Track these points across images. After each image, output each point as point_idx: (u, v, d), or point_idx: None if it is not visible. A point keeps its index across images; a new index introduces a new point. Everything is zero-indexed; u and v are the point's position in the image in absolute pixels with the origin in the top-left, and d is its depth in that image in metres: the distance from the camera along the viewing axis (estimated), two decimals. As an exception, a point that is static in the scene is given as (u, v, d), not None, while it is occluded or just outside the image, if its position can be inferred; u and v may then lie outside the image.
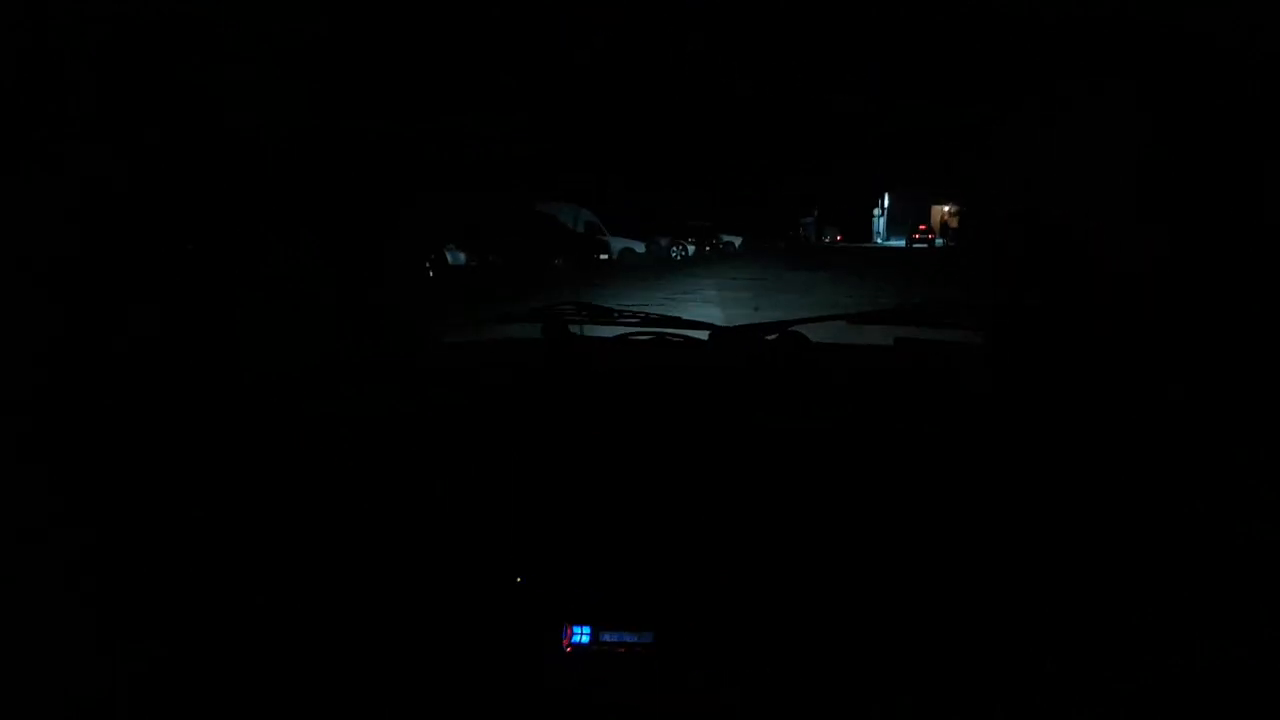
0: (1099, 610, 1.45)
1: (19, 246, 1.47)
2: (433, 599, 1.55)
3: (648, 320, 2.25)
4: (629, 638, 1.54)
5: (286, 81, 1.84)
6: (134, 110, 1.61)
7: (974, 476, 1.62)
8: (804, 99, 2.25)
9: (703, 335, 2.20)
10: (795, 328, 2.16)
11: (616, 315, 2.26)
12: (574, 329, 2.18)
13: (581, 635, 1.54)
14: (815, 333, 2.18)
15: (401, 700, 1.50)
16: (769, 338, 2.15)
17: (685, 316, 2.28)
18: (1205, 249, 1.73)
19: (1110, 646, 1.39)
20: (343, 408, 1.80)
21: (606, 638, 1.54)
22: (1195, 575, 1.46)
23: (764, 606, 1.55)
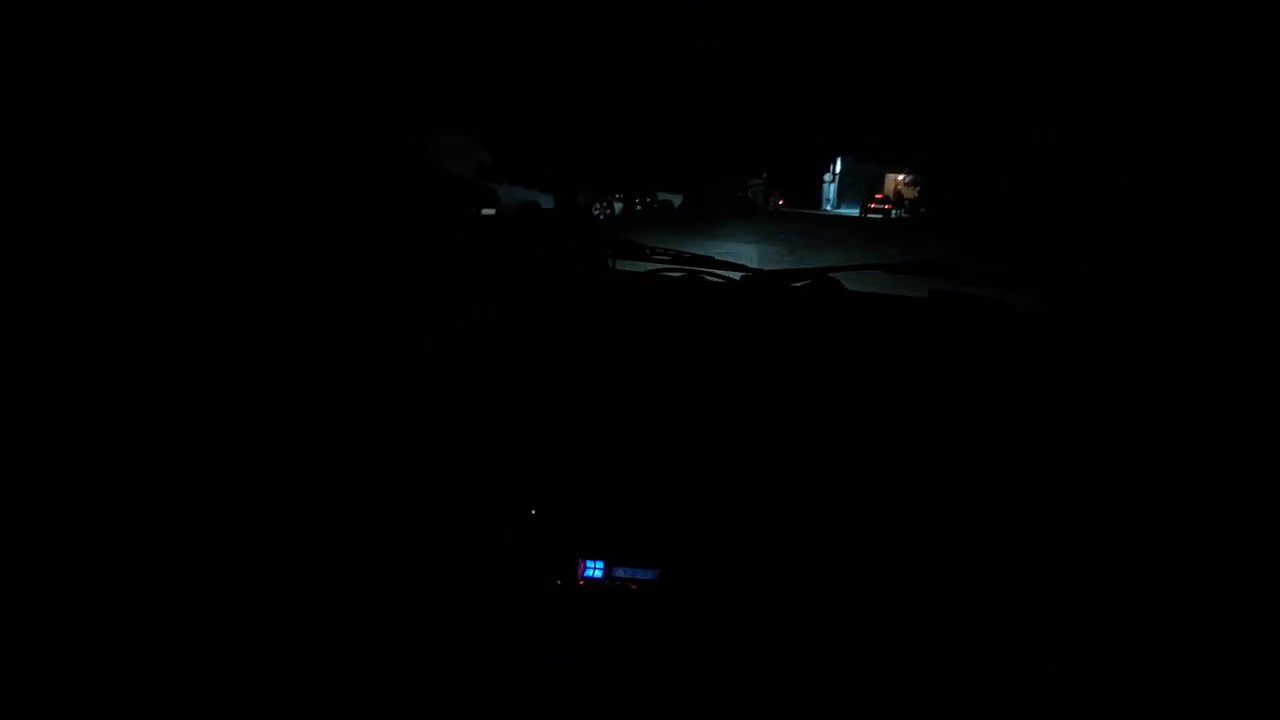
0: (1099, 610, 1.44)
1: (19, 246, 1.47)
2: (438, 566, 1.57)
3: (680, 258, 2.23)
4: (639, 574, 1.57)
5: (286, 81, 1.84)
6: (134, 110, 1.61)
7: (975, 476, 1.62)
8: (804, 99, 2.25)
9: (736, 276, 2.18)
10: (832, 274, 2.15)
11: (649, 251, 2.25)
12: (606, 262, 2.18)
13: (595, 570, 1.57)
14: (850, 281, 2.17)
15: (403, 692, 1.50)
16: (803, 283, 2.14)
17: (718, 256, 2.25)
18: (1205, 248, 1.72)
19: (1110, 646, 1.39)
20: (343, 408, 1.80)
21: (620, 573, 1.57)
22: (1195, 575, 1.46)
23: (769, 585, 1.56)
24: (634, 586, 1.56)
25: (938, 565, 1.54)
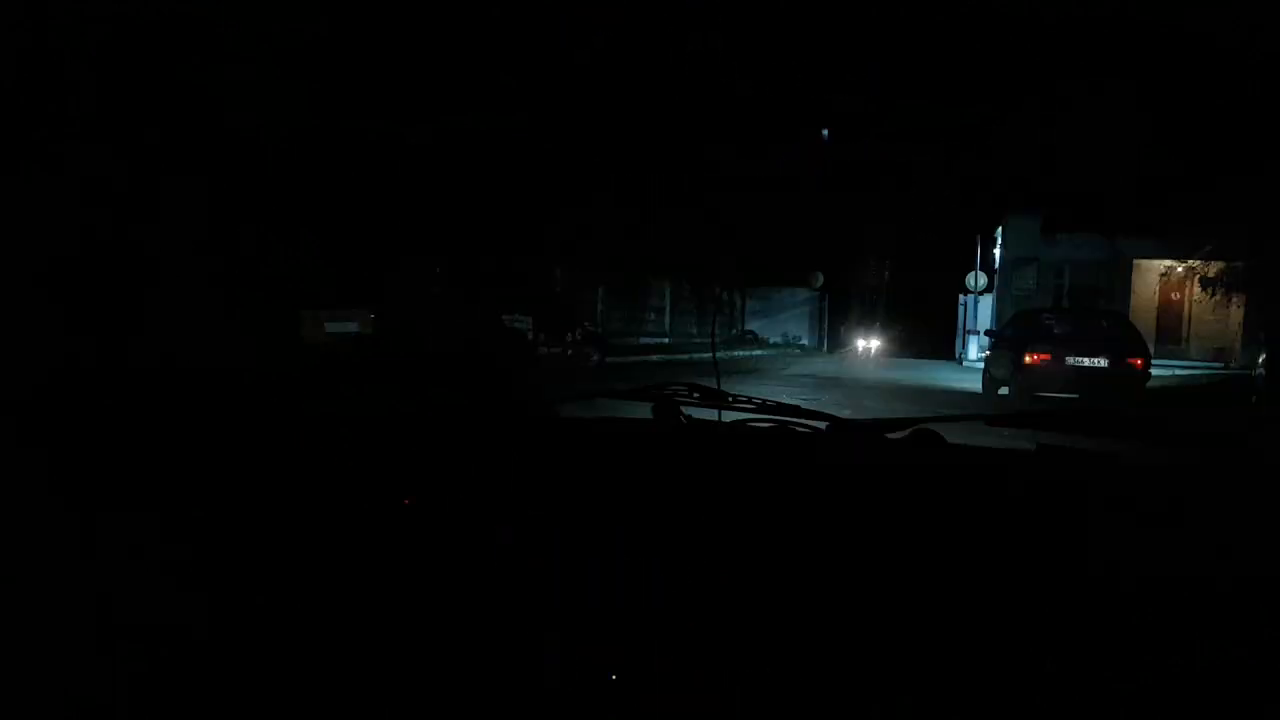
0: (1099, 610, 1.45)
1: (19, 246, 1.47)
2: (438, 596, 1.55)
3: (764, 407, 2.15)
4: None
5: (286, 81, 1.84)
6: (134, 110, 1.61)
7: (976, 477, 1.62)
8: (804, 99, 2.25)
9: (822, 426, 2.07)
10: (929, 425, 2.02)
11: (731, 399, 2.18)
12: (685, 411, 2.11)
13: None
14: (948, 433, 2.02)
15: (402, 694, 1.50)
16: (897, 434, 2.03)
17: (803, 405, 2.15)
18: None
19: (1110, 646, 1.39)
20: (343, 408, 1.80)
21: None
22: (1196, 575, 1.46)
23: (765, 601, 1.54)
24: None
25: (940, 564, 1.54)
